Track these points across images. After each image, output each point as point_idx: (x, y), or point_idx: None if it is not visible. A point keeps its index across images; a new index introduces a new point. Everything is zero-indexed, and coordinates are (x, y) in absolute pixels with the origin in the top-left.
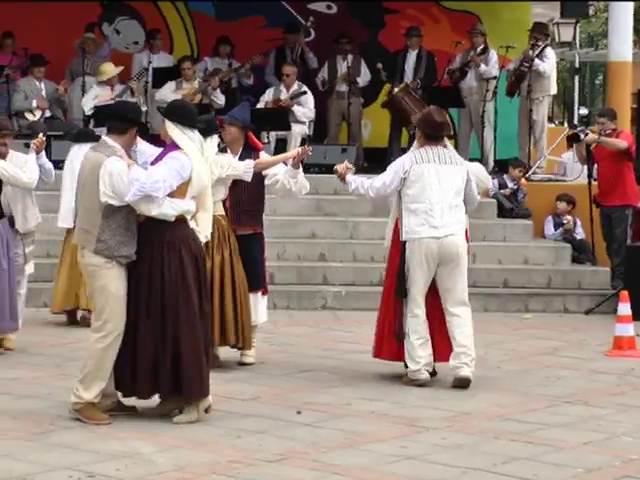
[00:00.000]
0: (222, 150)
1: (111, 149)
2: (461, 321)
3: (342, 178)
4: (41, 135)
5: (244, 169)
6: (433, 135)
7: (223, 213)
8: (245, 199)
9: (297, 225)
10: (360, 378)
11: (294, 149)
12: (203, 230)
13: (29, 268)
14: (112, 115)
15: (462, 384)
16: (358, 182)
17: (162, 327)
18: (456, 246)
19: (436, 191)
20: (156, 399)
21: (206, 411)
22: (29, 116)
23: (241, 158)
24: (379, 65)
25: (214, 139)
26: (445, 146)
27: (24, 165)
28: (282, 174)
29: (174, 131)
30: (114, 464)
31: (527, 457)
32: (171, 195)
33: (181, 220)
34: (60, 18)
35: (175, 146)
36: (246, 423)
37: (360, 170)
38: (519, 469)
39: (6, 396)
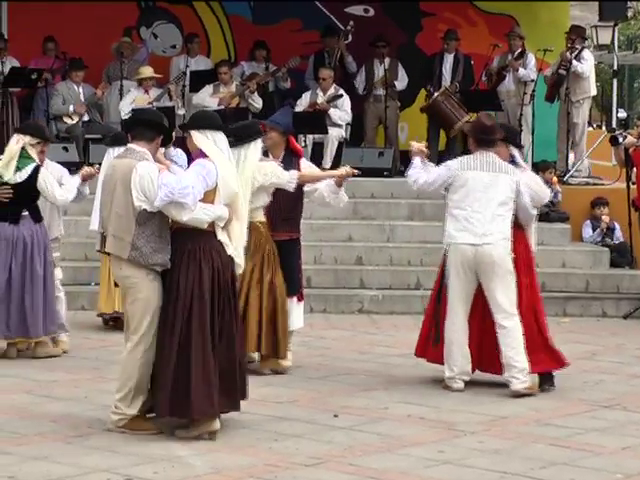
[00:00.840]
0: (263, 154)
1: (140, 154)
2: (505, 332)
3: (411, 157)
4: (96, 167)
5: (288, 179)
6: (484, 139)
7: (263, 220)
8: (283, 206)
9: (334, 229)
10: (397, 382)
11: (340, 168)
12: (235, 240)
13: (58, 272)
14: (142, 122)
15: (516, 396)
16: (414, 170)
17: (170, 341)
18: (491, 256)
19: (479, 199)
20: None
21: (210, 435)
22: (67, 120)
23: (283, 162)
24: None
25: (258, 143)
26: (512, 156)
27: (60, 179)
28: (323, 185)
29: (198, 138)
30: (152, 467)
31: (565, 462)
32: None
33: (208, 231)
34: (98, 22)
35: (202, 154)
36: (283, 426)
37: (396, 174)
38: (557, 474)
39: (44, 399)
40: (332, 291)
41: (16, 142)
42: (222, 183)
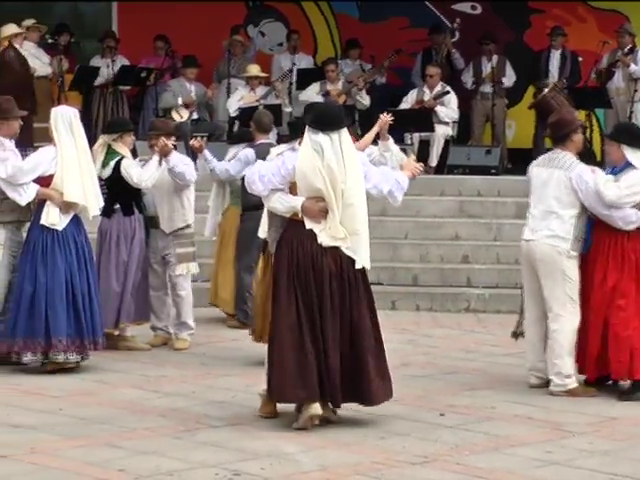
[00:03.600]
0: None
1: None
2: (551, 335)
3: None
4: (162, 139)
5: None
6: (549, 136)
7: None
8: None
9: (440, 227)
10: (504, 381)
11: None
12: (332, 231)
13: (180, 269)
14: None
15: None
16: None
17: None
18: (534, 253)
19: (538, 195)
20: None
21: (312, 420)
22: (176, 117)
23: None
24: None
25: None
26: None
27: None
28: (376, 152)
29: None
30: (259, 463)
31: None
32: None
33: (295, 220)
34: (206, 21)
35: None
36: (389, 424)
37: (503, 171)
38: None
39: (153, 394)
40: (438, 289)
41: (98, 144)
42: (299, 176)
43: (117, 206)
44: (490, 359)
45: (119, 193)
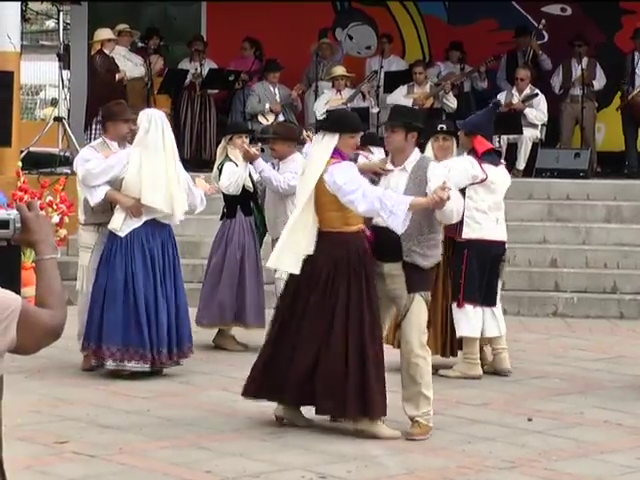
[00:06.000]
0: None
1: None
2: None
3: None
4: (245, 143)
5: None
6: None
7: None
8: None
9: (528, 230)
10: (592, 386)
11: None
12: None
13: (279, 273)
14: None
15: None
16: None
17: None
18: None
19: None
20: None
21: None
22: (262, 120)
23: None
24: None
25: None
26: None
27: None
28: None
29: None
30: (345, 466)
31: None
32: None
33: None
34: (295, 24)
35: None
36: (476, 429)
37: (593, 175)
38: None
39: (240, 396)
40: (526, 293)
41: (219, 148)
42: None
43: (225, 210)
44: (578, 364)
45: (223, 196)
